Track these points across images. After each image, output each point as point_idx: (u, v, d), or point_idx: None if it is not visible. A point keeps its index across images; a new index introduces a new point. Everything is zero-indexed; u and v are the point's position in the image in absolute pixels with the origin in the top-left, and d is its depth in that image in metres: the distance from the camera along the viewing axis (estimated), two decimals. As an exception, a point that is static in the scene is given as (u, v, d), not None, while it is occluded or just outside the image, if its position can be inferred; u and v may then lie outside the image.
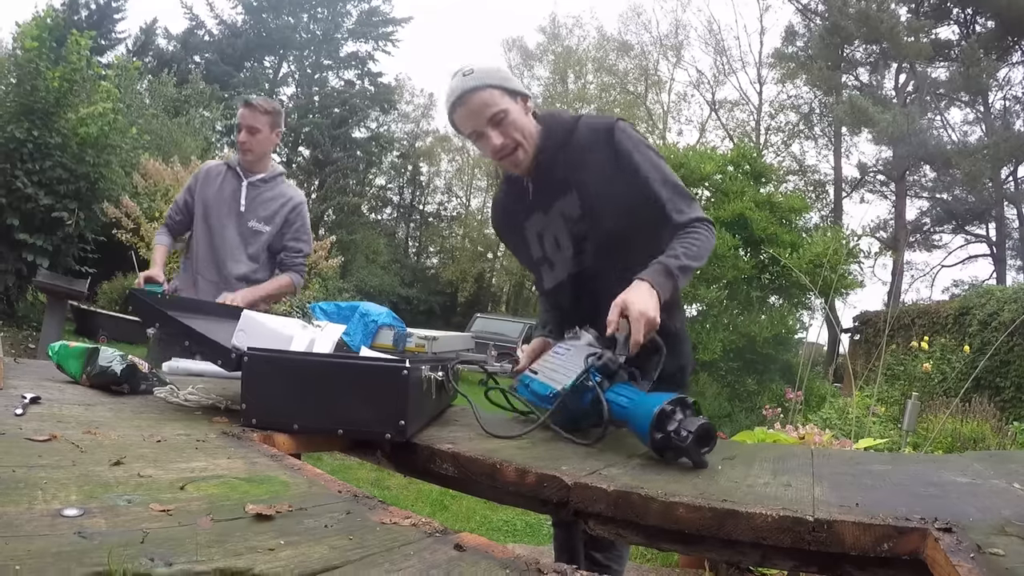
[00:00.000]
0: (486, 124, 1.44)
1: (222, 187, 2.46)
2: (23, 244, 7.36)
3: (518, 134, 1.46)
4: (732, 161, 10.57)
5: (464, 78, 1.43)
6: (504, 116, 1.44)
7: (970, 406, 5.55)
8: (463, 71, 1.45)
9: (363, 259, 23.35)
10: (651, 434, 1.03)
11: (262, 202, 2.47)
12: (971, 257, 20.37)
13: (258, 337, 1.25)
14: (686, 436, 1.00)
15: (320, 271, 9.77)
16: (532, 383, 1.35)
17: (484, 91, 1.42)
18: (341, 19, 25.77)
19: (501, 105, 1.43)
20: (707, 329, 8.94)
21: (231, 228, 2.43)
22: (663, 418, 1.03)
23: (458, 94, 1.43)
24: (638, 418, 1.08)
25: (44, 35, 7.31)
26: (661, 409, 1.03)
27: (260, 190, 2.47)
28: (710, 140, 22.78)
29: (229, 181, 2.47)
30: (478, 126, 1.45)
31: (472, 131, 1.47)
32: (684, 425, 1.01)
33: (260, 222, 2.46)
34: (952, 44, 18.85)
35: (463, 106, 1.44)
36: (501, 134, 1.45)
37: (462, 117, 1.46)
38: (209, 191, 2.45)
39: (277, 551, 0.55)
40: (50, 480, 0.67)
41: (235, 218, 2.43)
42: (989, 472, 1.05)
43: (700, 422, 1.01)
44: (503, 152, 1.46)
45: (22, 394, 1.10)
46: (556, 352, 1.42)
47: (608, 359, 1.22)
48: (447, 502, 3.91)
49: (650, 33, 24.92)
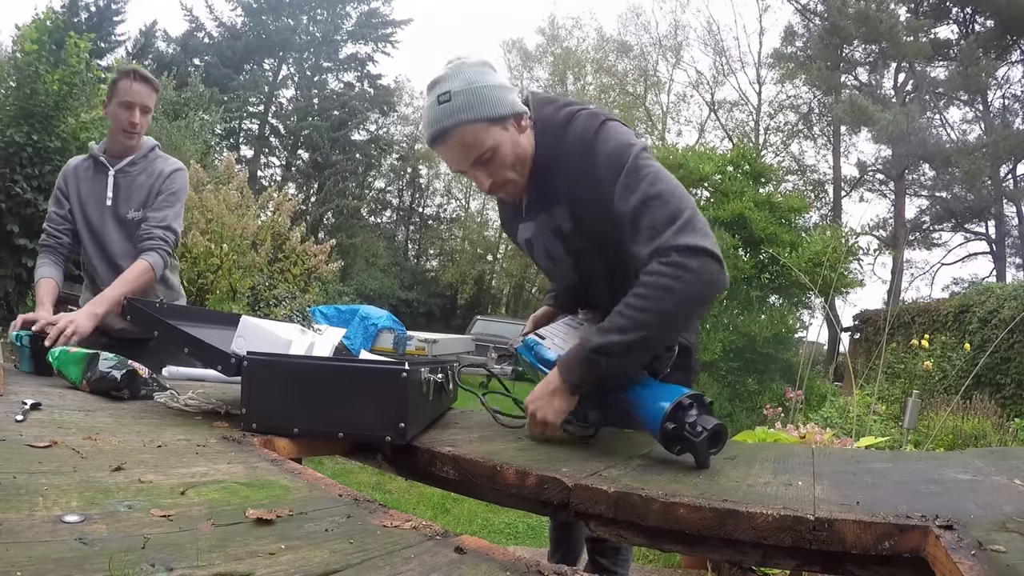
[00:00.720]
0: (471, 165, 1.26)
1: (93, 183, 2.11)
2: (22, 249, 7.36)
3: (508, 171, 1.27)
4: (731, 161, 10.57)
5: (440, 107, 1.21)
6: (491, 155, 1.24)
7: (971, 403, 5.55)
8: (439, 94, 1.22)
9: (363, 262, 23.36)
10: (663, 423, 1.02)
11: (136, 188, 2.12)
12: (971, 255, 20.41)
13: (257, 342, 1.25)
14: (700, 432, 1.00)
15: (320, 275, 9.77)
16: (538, 347, 1.30)
17: (466, 129, 1.21)
18: (340, 21, 25.82)
19: (487, 144, 1.22)
20: (707, 329, 8.92)
21: (111, 226, 2.10)
22: (679, 410, 1.03)
23: (437, 131, 1.23)
24: (651, 405, 1.07)
25: (44, 38, 7.30)
26: (679, 401, 1.03)
27: (130, 176, 2.12)
28: (709, 140, 22.83)
29: (97, 174, 2.11)
30: (462, 167, 1.28)
31: (456, 170, 1.31)
32: (700, 421, 1.01)
33: (137, 209, 2.11)
34: (951, 43, 18.88)
35: (443, 144, 1.24)
36: (489, 175, 1.27)
37: (444, 154, 1.29)
38: (83, 191, 2.10)
39: (278, 555, 0.55)
40: (51, 486, 0.67)
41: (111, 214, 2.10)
42: (990, 469, 1.05)
43: (716, 422, 1.01)
44: (492, 190, 1.31)
45: (22, 400, 1.10)
46: (568, 323, 1.36)
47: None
48: (448, 505, 3.91)
49: (649, 34, 24.99)
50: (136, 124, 2.06)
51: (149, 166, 2.14)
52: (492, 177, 1.27)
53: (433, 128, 1.23)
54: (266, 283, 8.15)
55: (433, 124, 1.23)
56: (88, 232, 2.11)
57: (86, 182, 2.11)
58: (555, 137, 1.28)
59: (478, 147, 1.22)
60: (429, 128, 1.25)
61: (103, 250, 2.11)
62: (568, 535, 1.82)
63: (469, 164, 1.25)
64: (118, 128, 2.08)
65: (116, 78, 2.08)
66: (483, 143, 1.22)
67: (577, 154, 1.25)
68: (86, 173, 2.12)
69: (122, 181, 2.10)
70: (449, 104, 1.21)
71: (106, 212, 2.10)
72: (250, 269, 8.11)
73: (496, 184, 1.28)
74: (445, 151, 1.26)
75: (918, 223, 20.81)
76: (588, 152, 1.23)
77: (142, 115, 2.07)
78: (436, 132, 1.23)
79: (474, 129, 1.21)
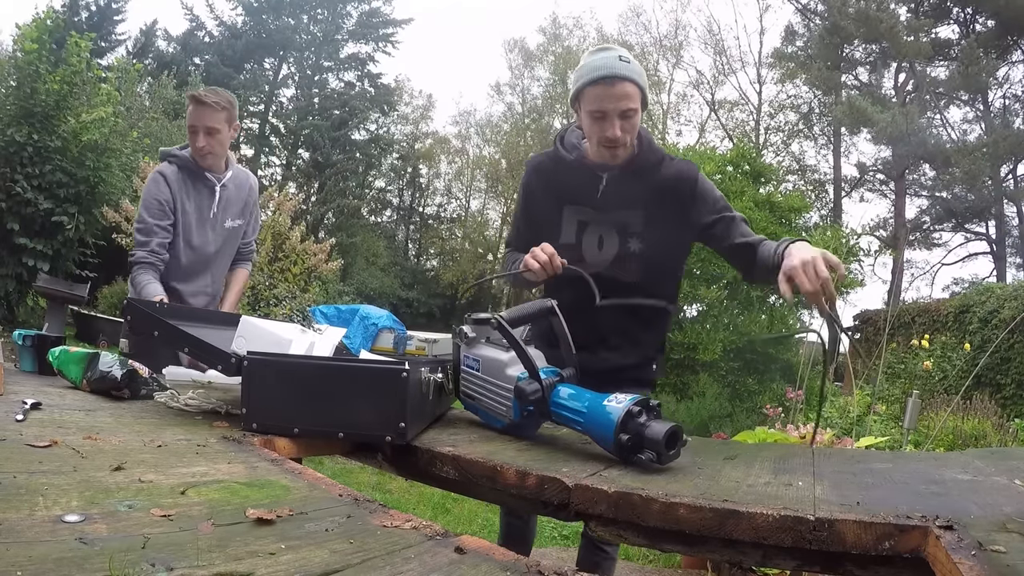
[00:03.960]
0: (616, 113, 1.48)
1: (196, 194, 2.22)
2: (23, 248, 7.36)
3: (633, 135, 1.54)
4: (731, 161, 10.56)
5: (619, 61, 1.47)
6: (634, 115, 1.50)
7: (971, 404, 5.54)
8: (619, 53, 1.50)
9: (363, 262, 23.34)
10: (616, 434, 0.99)
11: (230, 199, 2.31)
12: (971, 255, 20.37)
13: (257, 342, 1.25)
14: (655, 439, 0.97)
15: (320, 274, 9.77)
16: (555, 395, 1.18)
17: (631, 84, 1.47)
18: (341, 20, 25.78)
19: (635, 104, 1.49)
20: (707, 329, 8.93)
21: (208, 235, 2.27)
22: (630, 419, 1.00)
23: (608, 73, 1.46)
24: (600, 417, 1.04)
25: (44, 37, 7.29)
26: (628, 409, 1.00)
27: (228, 189, 2.29)
28: (709, 140, 22.76)
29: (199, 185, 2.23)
30: (609, 110, 1.48)
31: (598, 109, 1.49)
32: (653, 428, 0.98)
33: (234, 219, 2.33)
34: (952, 43, 18.85)
35: (608, 86, 1.46)
36: (623, 128, 1.50)
37: (599, 94, 1.48)
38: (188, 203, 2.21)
39: (278, 555, 0.55)
40: (51, 486, 0.67)
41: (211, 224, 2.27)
42: (990, 469, 1.05)
43: (671, 424, 0.98)
44: (615, 144, 1.52)
45: (23, 400, 1.10)
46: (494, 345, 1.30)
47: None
48: (448, 505, 3.91)
49: (650, 33, 24.90)
50: (201, 148, 2.15)
51: (237, 176, 2.34)
52: (624, 132, 1.50)
53: (608, 71, 1.46)
54: (266, 283, 8.15)
55: (608, 68, 1.46)
56: (184, 240, 2.22)
57: (189, 193, 2.21)
58: (657, 159, 1.60)
59: (632, 102, 1.49)
60: (601, 70, 1.47)
61: (198, 255, 2.26)
62: (524, 531, 1.87)
63: (618, 110, 1.48)
64: (194, 153, 2.19)
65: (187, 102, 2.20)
66: (635, 102, 1.49)
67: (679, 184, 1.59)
68: (184, 184, 2.20)
69: (222, 194, 2.28)
70: (629, 64, 1.49)
71: (206, 223, 2.26)
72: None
73: (622, 139, 1.51)
74: (603, 91, 1.47)
75: (918, 223, 20.78)
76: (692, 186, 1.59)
77: (206, 136, 2.14)
78: (611, 74, 1.46)
79: (637, 89, 1.49)
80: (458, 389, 1.36)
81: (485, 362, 1.27)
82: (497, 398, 1.23)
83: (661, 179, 1.59)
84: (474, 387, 1.30)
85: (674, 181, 1.59)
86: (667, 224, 1.58)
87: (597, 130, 1.52)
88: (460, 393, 1.36)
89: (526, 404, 1.13)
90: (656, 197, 1.58)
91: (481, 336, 1.31)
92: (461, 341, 1.32)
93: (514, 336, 1.17)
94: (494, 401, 1.24)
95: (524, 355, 1.15)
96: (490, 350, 1.27)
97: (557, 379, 1.17)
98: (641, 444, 0.99)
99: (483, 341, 1.30)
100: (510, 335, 1.17)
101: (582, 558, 1.75)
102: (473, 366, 1.30)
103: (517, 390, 1.14)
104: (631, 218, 1.58)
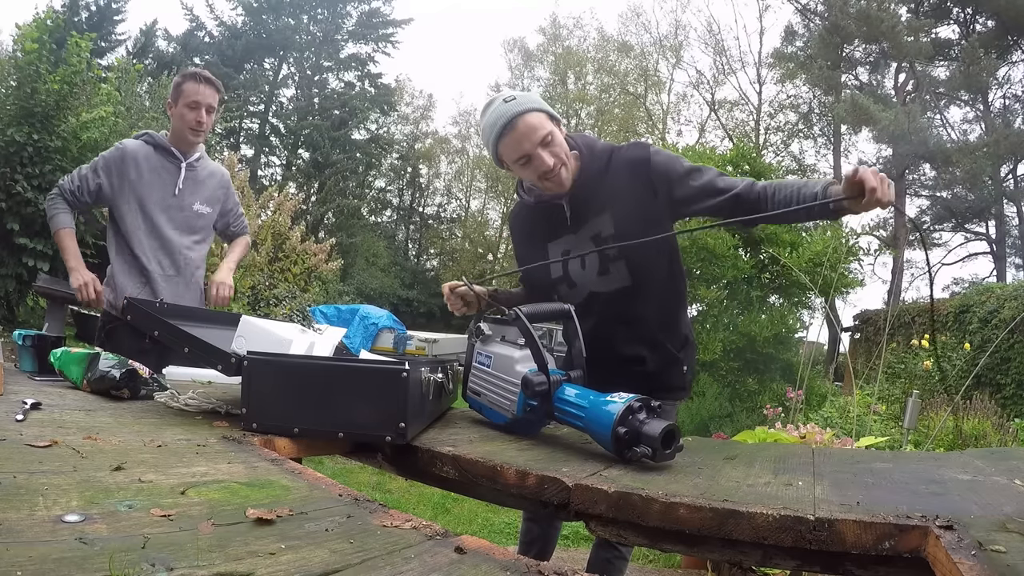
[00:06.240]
0: (536, 146, 1.47)
1: (160, 171, 2.24)
2: (23, 248, 7.35)
3: (565, 155, 1.53)
4: (731, 161, 10.55)
5: (507, 104, 1.48)
6: (552, 138, 1.49)
7: (971, 403, 5.54)
8: (503, 98, 1.50)
9: (363, 262, 23.35)
10: (615, 428, 1.01)
11: (201, 183, 2.33)
12: (971, 255, 20.39)
13: (257, 342, 1.25)
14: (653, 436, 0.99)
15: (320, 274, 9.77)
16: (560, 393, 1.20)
17: (532, 114, 1.47)
18: (341, 20, 25.79)
19: (547, 127, 1.48)
20: (707, 329, 8.92)
21: (170, 213, 2.26)
22: (629, 414, 1.02)
23: (507, 119, 1.46)
24: (599, 411, 1.06)
25: (44, 37, 7.28)
26: (629, 404, 1.02)
27: (196, 170, 2.32)
28: (709, 140, 22.79)
29: (165, 163, 2.26)
30: (529, 149, 1.48)
31: (521, 155, 1.49)
32: (650, 425, 1.00)
33: (203, 204, 2.34)
34: (952, 43, 18.86)
35: (513, 130, 1.46)
36: (552, 155, 1.49)
37: (511, 142, 1.48)
38: (147, 176, 2.22)
39: (278, 555, 0.55)
40: (51, 486, 0.67)
41: (175, 202, 2.26)
42: (990, 469, 1.05)
43: (667, 423, 1.00)
44: (553, 172, 1.50)
45: (23, 400, 1.10)
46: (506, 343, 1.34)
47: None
48: (448, 505, 3.91)
49: (650, 33, 24.93)
50: (203, 123, 2.23)
51: (208, 165, 2.39)
52: (554, 157, 1.49)
53: (506, 117, 1.46)
54: (266, 282, 8.15)
55: (504, 115, 1.46)
56: (141, 214, 2.22)
57: (152, 169, 2.23)
58: (603, 160, 1.57)
59: (542, 128, 1.47)
60: (500, 120, 1.47)
61: (155, 231, 2.24)
62: (545, 535, 1.85)
63: (535, 143, 1.47)
64: (184, 127, 2.23)
65: (180, 81, 2.26)
66: (545, 126, 1.48)
67: (631, 171, 1.54)
68: (148, 161, 2.23)
69: (189, 175, 2.29)
70: (515, 101, 1.48)
71: (170, 200, 2.25)
72: (250, 268, 8.11)
73: (556, 165, 1.50)
74: (513, 136, 1.47)
75: (919, 223, 20.79)
76: (645, 165, 1.54)
77: (207, 115, 2.23)
78: (510, 118, 1.46)
79: (538, 115, 1.48)
80: (466, 386, 1.40)
81: (497, 358, 1.31)
82: (503, 392, 1.26)
83: (615, 173, 1.57)
84: (482, 382, 1.34)
85: (627, 168, 1.56)
86: (635, 213, 1.54)
87: (531, 172, 1.52)
88: (466, 389, 1.40)
89: (531, 396, 1.16)
90: (616, 193, 1.56)
91: (497, 335, 1.36)
92: (476, 338, 1.38)
93: (531, 329, 1.18)
94: (499, 395, 1.27)
95: (536, 348, 1.18)
96: (503, 347, 1.31)
97: (564, 379, 1.20)
98: (638, 439, 1.01)
99: (498, 339, 1.35)
100: (527, 328, 1.19)
101: (594, 557, 1.73)
102: (485, 363, 1.34)
103: (524, 380, 1.16)
104: (601, 225, 1.57)
